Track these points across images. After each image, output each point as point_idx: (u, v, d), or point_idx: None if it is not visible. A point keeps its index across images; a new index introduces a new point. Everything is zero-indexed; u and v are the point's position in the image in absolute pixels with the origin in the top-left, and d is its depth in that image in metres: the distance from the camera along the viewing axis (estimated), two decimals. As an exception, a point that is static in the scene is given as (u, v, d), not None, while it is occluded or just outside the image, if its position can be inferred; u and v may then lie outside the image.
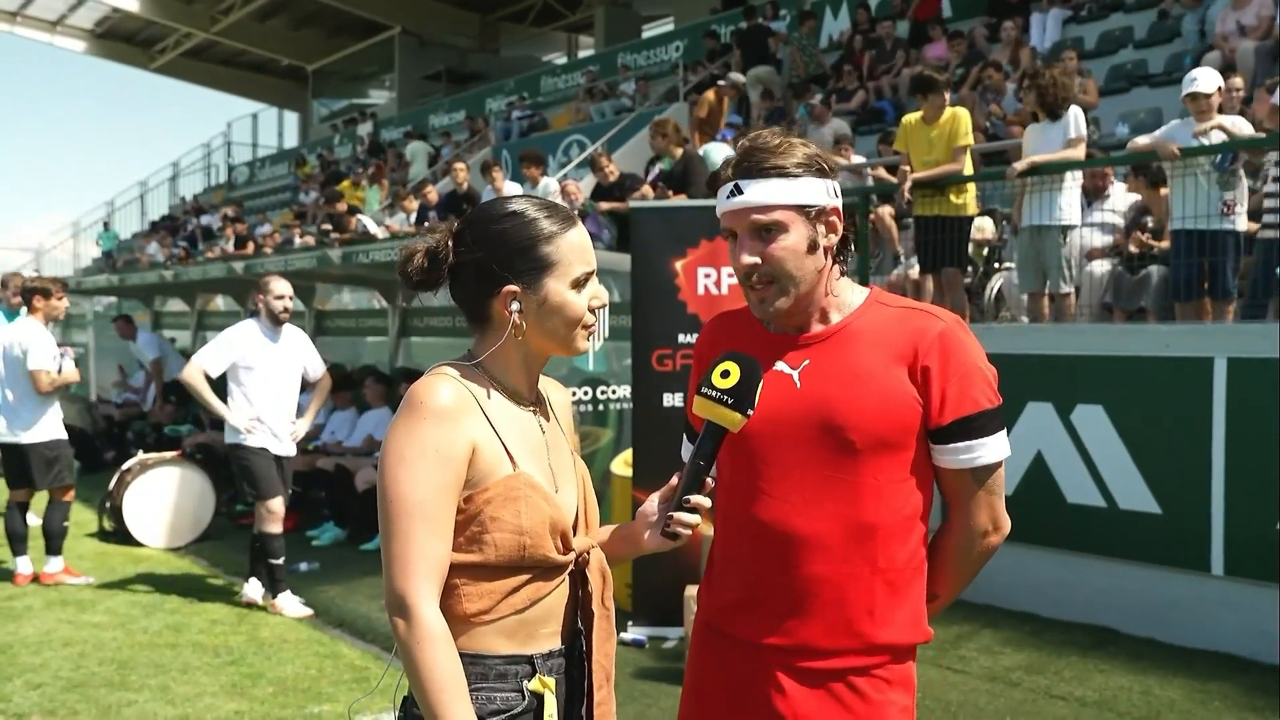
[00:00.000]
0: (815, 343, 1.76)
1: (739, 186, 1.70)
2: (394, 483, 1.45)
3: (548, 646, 1.57)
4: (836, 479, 1.69)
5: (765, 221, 1.68)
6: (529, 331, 1.56)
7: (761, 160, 1.69)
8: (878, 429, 1.68)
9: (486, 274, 1.55)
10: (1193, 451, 4.87)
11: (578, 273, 1.56)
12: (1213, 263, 5.30)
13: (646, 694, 4.32)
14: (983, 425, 1.70)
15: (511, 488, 1.50)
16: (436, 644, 1.42)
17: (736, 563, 1.77)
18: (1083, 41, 10.70)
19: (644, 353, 5.12)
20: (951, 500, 1.78)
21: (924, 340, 1.69)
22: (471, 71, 23.68)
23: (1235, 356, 4.79)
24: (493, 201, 1.63)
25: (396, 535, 1.45)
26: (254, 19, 24.41)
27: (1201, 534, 4.84)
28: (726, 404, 1.59)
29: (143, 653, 4.82)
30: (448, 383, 1.52)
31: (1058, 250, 6.04)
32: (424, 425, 1.47)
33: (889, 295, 1.82)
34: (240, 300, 10.37)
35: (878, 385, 1.69)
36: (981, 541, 1.77)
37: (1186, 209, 5.26)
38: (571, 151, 13.46)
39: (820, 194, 1.70)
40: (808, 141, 1.74)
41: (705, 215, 5.16)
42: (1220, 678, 4.49)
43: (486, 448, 1.51)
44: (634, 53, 17.35)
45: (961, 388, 1.68)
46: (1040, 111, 6.16)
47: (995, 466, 1.73)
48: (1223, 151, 5.22)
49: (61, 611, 5.50)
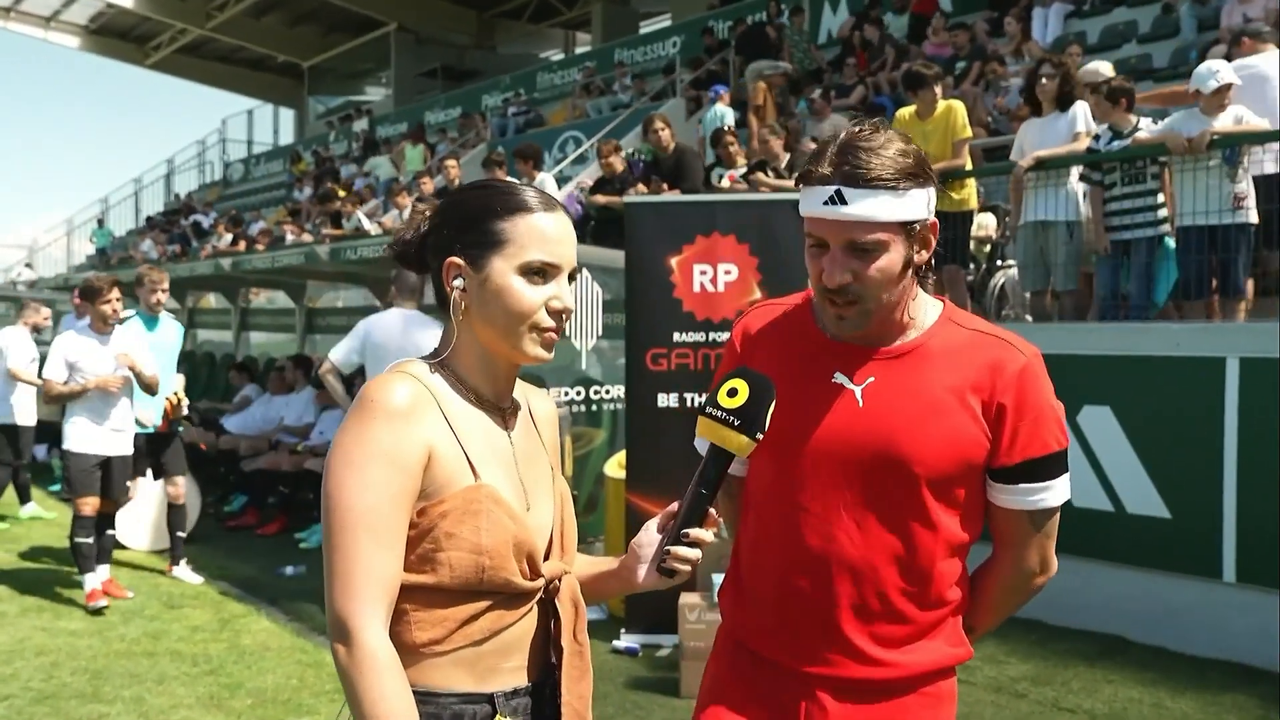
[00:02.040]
0: (884, 359, 1.59)
1: (841, 195, 1.49)
2: (339, 489, 1.28)
3: (512, 683, 1.39)
4: (891, 509, 1.55)
5: (869, 242, 1.50)
6: (473, 319, 1.39)
7: (868, 166, 1.48)
8: (944, 465, 1.54)
9: (439, 243, 1.41)
10: (1204, 454, 4.70)
11: (530, 258, 1.36)
12: (1223, 259, 5.14)
13: (640, 705, 4.15)
14: (1050, 468, 1.58)
15: (471, 500, 1.32)
16: (384, 674, 1.24)
17: (773, 581, 1.63)
18: (1085, 36, 10.52)
19: (638, 352, 4.95)
20: (1002, 538, 1.65)
21: (1003, 376, 1.56)
22: (468, 68, 23.51)
23: (1248, 356, 4.63)
24: (473, 181, 1.48)
25: (340, 548, 1.27)
26: (249, 15, 24.22)
27: (1213, 539, 4.67)
28: (733, 425, 1.43)
29: (118, 662, 4.64)
30: (404, 380, 1.35)
31: (1062, 246, 5.89)
32: (374, 426, 1.29)
33: (962, 313, 1.67)
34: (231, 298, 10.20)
35: (950, 418, 1.55)
36: (1029, 583, 1.67)
37: (1198, 204, 5.09)
38: (567, 148, 13.30)
39: (922, 208, 1.53)
40: (907, 136, 1.56)
41: (701, 210, 5.00)
42: (1234, 689, 4.32)
43: (445, 454, 1.33)
44: (631, 49, 17.16)
45: (1034, 429, 1.56)
46: (1052, 103, 6.01)
47: (1055, 510, 1.61)
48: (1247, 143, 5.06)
49: (37, 618, 5.32)
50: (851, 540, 1.55)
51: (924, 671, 1.59)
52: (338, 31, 24.97)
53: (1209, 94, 5.12)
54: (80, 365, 5.38)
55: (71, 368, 5.38)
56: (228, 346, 11.79)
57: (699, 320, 4.86)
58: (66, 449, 5.45)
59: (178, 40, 25.94)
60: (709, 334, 4.86)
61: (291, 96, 28.10)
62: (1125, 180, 5.54)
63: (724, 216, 4.87)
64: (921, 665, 1.58)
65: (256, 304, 11.43)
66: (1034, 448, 1.55)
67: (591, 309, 6.28)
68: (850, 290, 1.51)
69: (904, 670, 1.57)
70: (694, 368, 4.85)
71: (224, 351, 11.68)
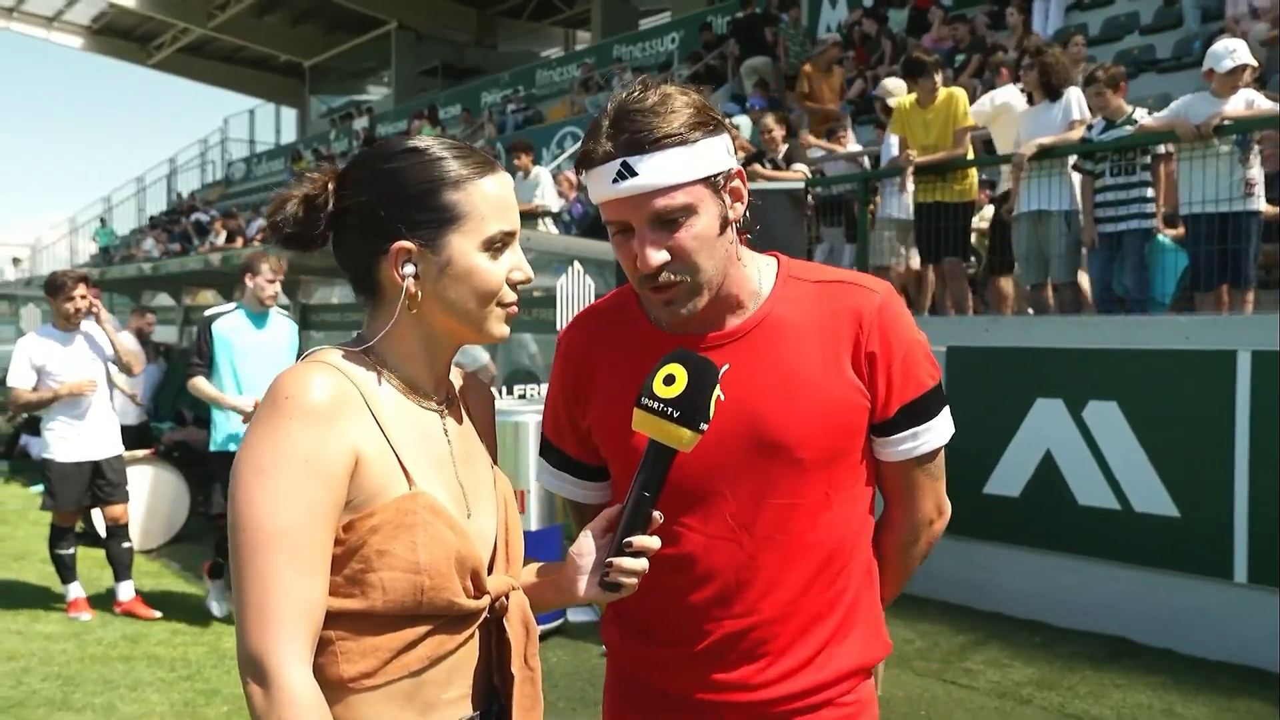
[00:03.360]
0: (731, 342, 1.39)
1: (629, 166, 1.29)
2: (250, 503, 1.07)
3: (454, 716, 1.19)
4: (782, 503, 1.36)
5: (674, 208, 1.29)
6: (427, 304, 1.19)
7: (650, 126, 1.28)
8: (828, 440, 1.35)
9: (373, 224, 1.18)
10: (1214, 451, 4.49)
11: (492, 231, 1.19)
12: (1230, 248, 4.92)
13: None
14: (927, 407, 1.41)
15: (406, 512, 1.13)
16: (305, 717, 1.04)
17: (660, 605, 1.41)
18: (1086, 28, 10.30)
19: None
20: (892, 495, 1.48)
21: (864, 321, 1.38)
22: (468, 66, 23.31)
23: (1260, 349, 4.41)
24: (388, 138, 1.26)
25: (253, 573, 1.06)
26: (251, 15, 24.09)
27: (1223, 538, 4.46)
28: (673, 418, 1.21)
29: (93, 667, 4.45)
30: (324, 372, 1.14)
31: (1060, 238, 5.69)
32: (290, 427, 1.09)
33: (800, 264, 1.46)
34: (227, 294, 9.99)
35: (821, 387, 1.36)
36: (928, 531, 1.50)
37: (1208, 191, 4.88)
38: (565, 143, 13.11)
39: (722, 156, 1.32)
40: (685, 88, 1.35)
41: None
42: (1247, 694, 4.12)
43: (374, 459, 1.13)
44: (630, 45, 16.95)
45: (905, 369, 1.39)
46: (1039, 91, 5.82)
47: (941, 450, 1.44)
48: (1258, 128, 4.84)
49: (13, 620, 5.13)
50: (740, 547, 1.36)
51: (838, 678, 1.40)
52: (339, 30, 24.84)
53: (1223, 74, 4.89)
54: (48, 368, 5.07)
55: (39, 371, 5.07)
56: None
57: (691, 313, 4.66)
58: (47, 457, 5.16)
59: (180, 40, 25.85)
60: (702, 327, 4.65)
61: (293, 96, 27.95)
62: (1114, 171, 5.35)
63: (717, 206, 4.66)
64: (837, 673, 1.40)
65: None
66: (909, 389, 1.38)
67: (583, 303, 6.08)
68: (671, 269, 1.30)
69: (816, 683, 1.39)
70: (686, 362, 4.64)
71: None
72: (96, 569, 6.22)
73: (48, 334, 5.17)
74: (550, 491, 1.57)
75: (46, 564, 6.22)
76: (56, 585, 5.51)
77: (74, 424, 5.14)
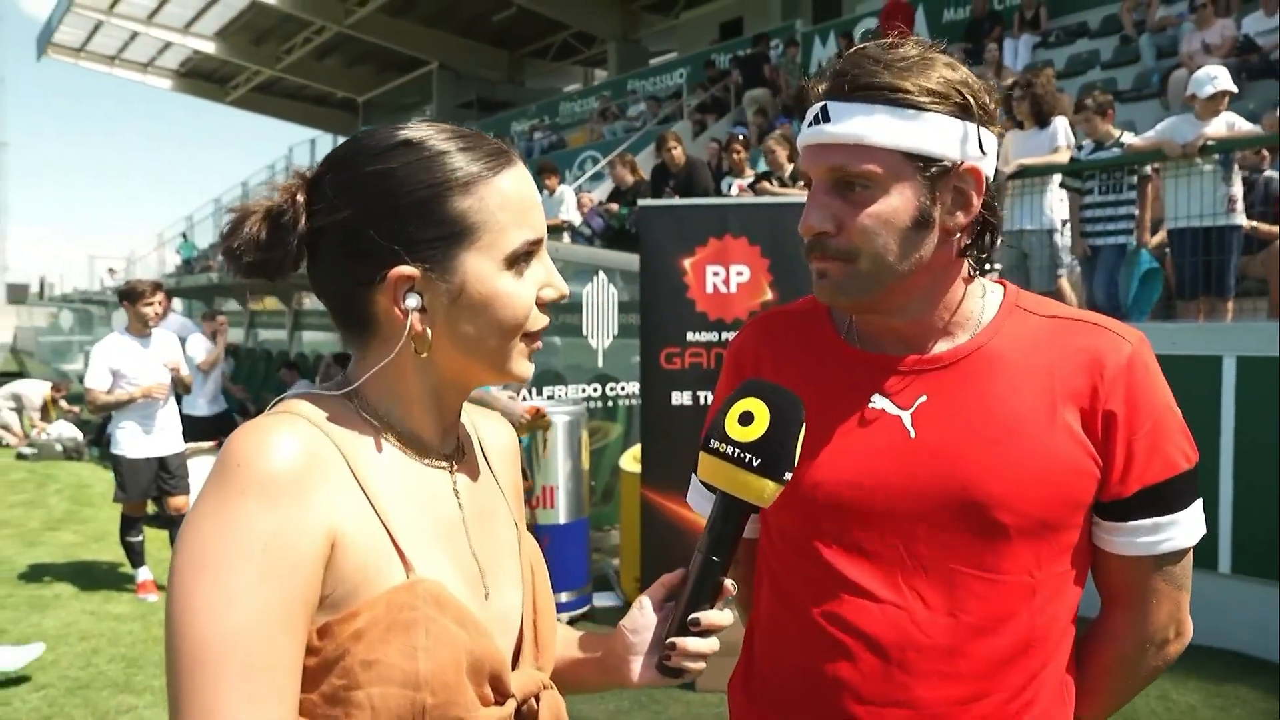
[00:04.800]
0: (933, 370, 0.98)
1: (826, 111, 0.91)
2: (187, 608, 0.68)
3: None
4: (970, 575, 0.94)
5: (856, 173, 0.90)
6: (436, 343, 0.79)
7: (869, 73, 0.90)
8: (1041, 507, 0.93)
9: (360, 246, 0.78)
10: (1200, 450, 4.05)
11: (515, 243, 0.79)
12: (1214, 260, 4.53)
13: (656, 699, 3.58)
14: (1177, 494, 0.97)
15: (401, 607, 0.73)
16: None
17: (803, 675, 0.99)
18: (1053, 63, 9.87)
19: (652, 351, 4.37)
20: (1117, 596, 1.02)
21: (1107, 370, 0.96)
22: (500, 100, 23.10)
23: (1245, 355, 4.04)
24: (374, 129, 0.84)
25: (190, 702, 0.67)
26: (313, 58, 24.01)
27: (1209, 532, 4.06)
28: (752, 467, 0.83)
29: (155, 649, 4.10)
30: (291, 429, 0.74)
31: (1045, 252, 5.31)
32: (243, 506, 0.70)
33: (1030, 296, 1.04)
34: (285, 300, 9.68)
35: (1041, 440, 0.94)
36: (1159, 653, 1.03)
37: (1192, 207, 4.49)
38: (585, 165, 12.76)
39: (953, 142, 0.91)
40: (955, 62, 0.94)
41: (714, 213, 4.41)
42: (1234, 679, 3.74)
43: (357, 540, 0.74)
44: (642, 79, 16.56)
45: (1154, 442, 0.96)
46: (1030, 119, 5.44)
47: (1187, 551, 0.98)
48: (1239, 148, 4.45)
49: (89, 601, 4.78)
50: (915, 621, 0.94)
51: None
52: (389, 70, 24.75)
53: (1205, 99, 4.50)
54: (123, 371, 4.70)
55: (115, 374, 4.70)
56: (282, 344, 11.26)
57: (711, 320, 4.28)
58: (117, 454, 4.80)
59: (253, 80, 25.95)
60: (721, 334, 4.28)
61: (349, 127, 27.82)
62: (1103, 189, 4.98)
63: (736, 219, 4.28)
64: None
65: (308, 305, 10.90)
66: (1156, 468, 0.95)
67: (608, 310, 5.71)
68: (835, 242, 0.92)
69: None
70: (706, 366, 4.27)
71: (279, 349, 11.16)
72: (167, 550, 5.88)
73: (123, 338, 4.80)
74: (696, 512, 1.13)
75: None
76: (129, 566, 5.17)
77: (143, 423, 4.80)
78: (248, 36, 22.91)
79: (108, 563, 5.55)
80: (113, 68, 25.78)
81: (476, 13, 20.04)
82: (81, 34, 22.83)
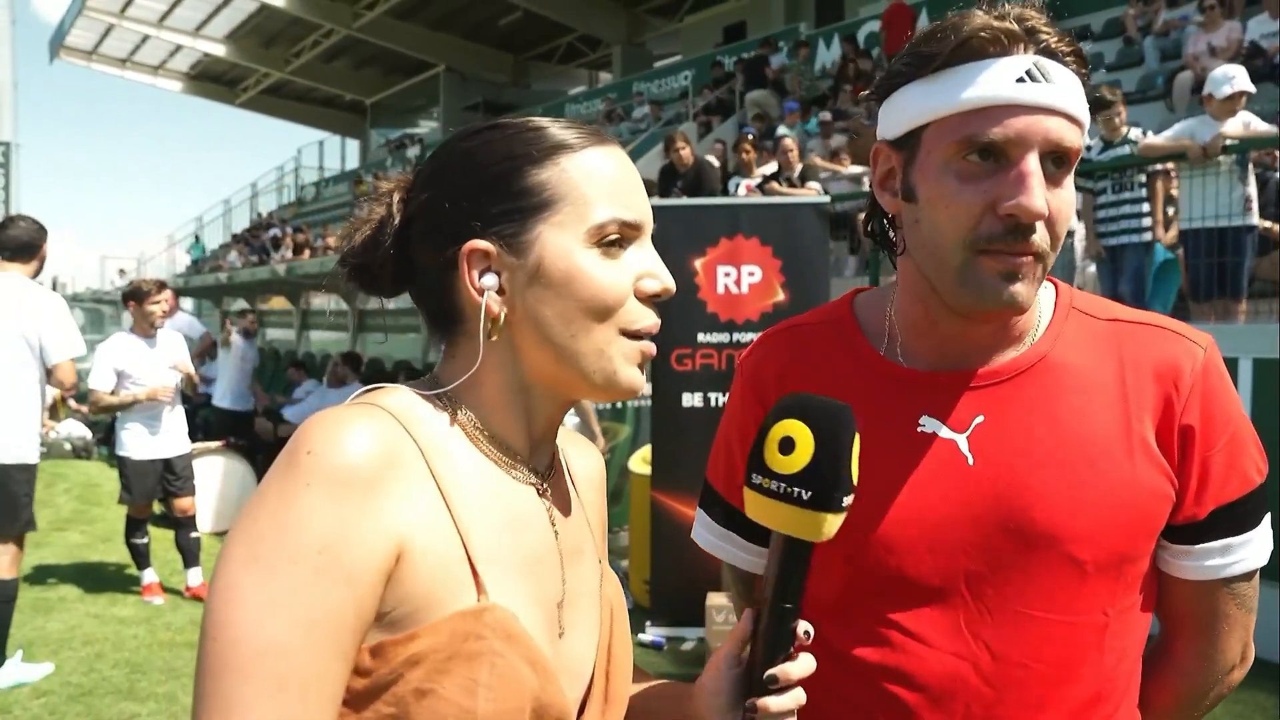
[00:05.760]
0: (992, 384, 0.85)
1: (1041, 68, 0.77)
2: (228, 602, 0.59)
3: None
4: (1041, 618, 0.81)
5: (1069, 148, 0.78)
6: (518, 331, 0.70)
7: (1059, 36, 0.78)
8: (1121, 540, 0.81)
9: (439, 224, 0.70)
10: (1217, 453, 3.99)
11: (601, 217, 0.69)
12: (1229, 261, 4.41)
13: (666, 706, 3.47)
14: (1250, 511, 0.85)
15: (467, 635, 0.63)
16: None
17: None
18: (1057, 65, 9.77)
19: (663, 352, 4.25)
20: (1182, 622, 0.90)
21: (1182, 380, 0.83)
22: (506, 103, 22.98)
23: (1261, 357, 3.92)
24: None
25: (214, 707, 0.57)
26: (321, 60, 23.92)
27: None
28: (802, 501, 0.69)
29: (160, 653, 3.99)
30: (371, 422, 0.64)
31: (1063, 255, 5.19)
32: (306, 499, 0.60)
33: (1083, 296, 0.92)
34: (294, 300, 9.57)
35: (1119, 464, 0.81)
36: (1226, 679, 0.91)
37: (1208, 208, 4.36)
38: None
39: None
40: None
41: (724, 214, 4.30)
42: (1248, 684, 3.59)
43: (428, 553, 0.64)
44: (647, 82, 16.44)
45: (1230, 457, 0.84)
46: None
47: (1255, 573, 0.89)
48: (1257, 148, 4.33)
49: (93, 604, 4.68)
50: (976, 669, 0.82)
51: None
52: (396, 73, 24.66)
53: (1222, 99, 4.37)
54: (127, 371, 4.54)
55: (120, 375, 4.54)
56: (291, 344, 11.17)
57: (723, 321, 4.17)
58: (123, 455, 4.66)
59: (262, 83, 25.91)
60: (733, 335, 4.16)
61: (356, 129, 27.78)
62: (1115, 188, 4.85)
63: (747, 219, 4.16)
64: None
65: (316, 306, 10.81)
66: (1232, 485, 0.84)
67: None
68: (1034, 237, 0.77)
69: None
70: (718, 368, 4.16)
71: (287, 348, 11.07)
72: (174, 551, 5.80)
73: (129, 338, 4.64)
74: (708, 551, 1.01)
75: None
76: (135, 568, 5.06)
77: (148, 424, 4.66)
78: (257, 39, 22.85)
79: (114, 564, 5.45)
80: (124, 70, 25.79)
81: (483, 16, 19.94)
82: (93, 37, 22.80)
